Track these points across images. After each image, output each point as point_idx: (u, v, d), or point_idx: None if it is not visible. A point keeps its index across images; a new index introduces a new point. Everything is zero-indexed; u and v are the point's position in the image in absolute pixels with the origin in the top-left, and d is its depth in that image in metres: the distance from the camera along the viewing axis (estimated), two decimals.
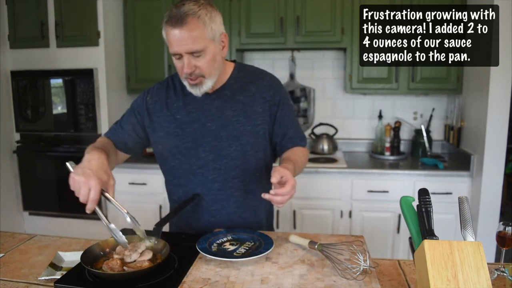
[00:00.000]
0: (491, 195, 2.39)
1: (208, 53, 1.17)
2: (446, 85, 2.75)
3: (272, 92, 1.33)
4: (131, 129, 1.37)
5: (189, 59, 1.16)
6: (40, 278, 1.05)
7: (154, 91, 1.36)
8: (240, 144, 1.30)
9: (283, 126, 1.35)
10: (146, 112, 1.34)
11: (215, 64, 1.21)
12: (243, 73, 1.35)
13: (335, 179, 2.61)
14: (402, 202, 1.00)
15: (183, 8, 1.12)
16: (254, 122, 1.30)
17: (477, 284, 0.81)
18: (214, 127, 1.29)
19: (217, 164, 1.31)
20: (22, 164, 3.03)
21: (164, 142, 1.33)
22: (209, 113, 1.30)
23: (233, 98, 1.30)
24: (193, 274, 1.04)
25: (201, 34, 1.14)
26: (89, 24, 2.76)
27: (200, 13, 1.13)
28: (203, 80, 1.21)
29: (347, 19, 2.72)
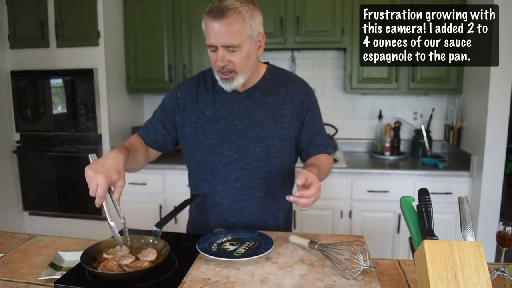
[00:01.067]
0: (491, 195, 2.39)
1: (243, 49, 1.18)
2: (446, 85, 2.75)
3: (302, 97, 1.33)
4: (161, 126, 1.38)
5: (223, 53, 1.17)
6: (40, 278, 1.05)
7: (185, 86, 1.37)
8: (266, 146, 1.30)
9: (311, 132, 1.35)
10: (177, 108, 1.35)
11: (249, 62, 1.22)
12: (275, 75, 1.35)
13: (335, 179, 2.61)
14: (402, 202, 1.00)
15: (226, 2, 1.13)
16: (282, 125, 1.31)
17: (477, 284, 0.81)
18: (241, 126, 1.29)
19: (240, 163, 1.31)
20: (22, 164, 3.02)
21: (191, 137, 1.34)
22: (238, 112, 1.30)
23: (263, 100, 1.30)
24: (193, 274, 1.04)
25: (239, 30, 1.14)
26: (89, 24, 2.76)
27: (241, 9, 1.14)
28: (235, 76, 1.21)
29: (347, 19, 2.72)
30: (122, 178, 1.09)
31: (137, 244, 1.16)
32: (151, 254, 1.08)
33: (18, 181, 3.05)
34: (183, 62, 2.91)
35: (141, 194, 2.78)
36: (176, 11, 2.86)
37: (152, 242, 1.15)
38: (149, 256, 1.07)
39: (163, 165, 2.67)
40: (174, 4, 2.85)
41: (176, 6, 2.85)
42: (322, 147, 1.38)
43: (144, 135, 1.40)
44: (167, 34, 2.90)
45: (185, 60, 2.91)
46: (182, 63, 2.91)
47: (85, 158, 2.97)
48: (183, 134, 1.36)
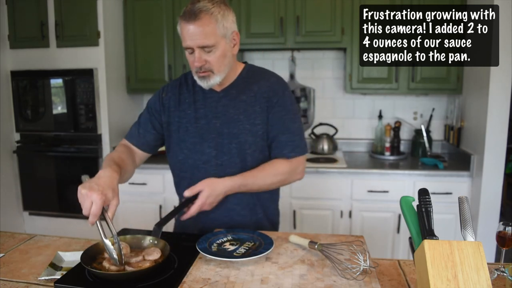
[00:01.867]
0: (491, 195, 2.39)
1: (218, 48, 1.23)
2: (446, 85, 2.75)
3: (272, 93, 1.34)
4: (151, 128, 1.41)
5: (200, 53, 1.21)
6: (40, 278, 1.05)
7: (169, 88, 1.42)
8: (239, 142, 1.33)
9: (275, 129, 1.35)
10: (162, 108, 1.39)
11: (225, 60, 1.26)
12: (251, 73, 1.39)
13: (335, 179, 2.61)
14: (402, 202, 1.00)
15: (198, 4, 1.18)
16: (254, 121, 1.33)
17: (477, 284, 0.81)
18: (219, 124, 1.34)
19: (218, 160, 1.35)
20: (22, 164, 3.02)
21: (175, 136, 1.38)
22: (216, 110, 1.34)
23: (238, 97, 1.34)
24: (193, 274, 1.04)
25: (212, 30, 1.19)
26: (89, 24, 2.75)
27: (213, 10, 1.19)
28: (211, 74, 1.26)
29: (347, 19, 2.72)
30: (117, 197, 1.09)
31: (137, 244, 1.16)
32: (155, 253, 1.08)
33: (18, 181, 3.05)
34: (183, 62, 2.91)
35: (141, 194, 2.78)
36: (176, 11, 2.85)
37: (152, 242, 1.15)
38: (153, 255, 1.07)
39: (163, 165, 2.67)
40: (174, 4, 2.85)
41: (176, 6, 2.85)
42: (285, 148, 1.35)
43: (134, 139, 1.43)
44: (167, 34, 2.90)
45: (185, 60, 2.91)
46: (182, 63, 2.91)
47: (85, 158, 2.99)
48: (168, 133, 1.40)
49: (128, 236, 1.18)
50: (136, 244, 1.16)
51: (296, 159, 1.38)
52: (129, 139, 1.44)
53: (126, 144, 1.44)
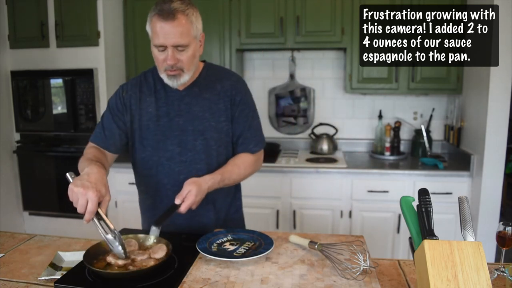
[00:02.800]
0: (491, 195, 2.39)
1: (190, 48, 1.27)
2: (446, 85, 2.74)
3: (234, 91, 1.41)
4: (116, 127, 1.41)
5: (173, 52, 1.24)
6: (40, 278, 1.05)
7: (129, 86, 1.43)
8: (205, 138, 1.37)
9: (240, 126, 1.42)
10: (124, 106, 1.41)
11: (194, 60, 1.31)
12: (211, 72, 1.43)
13: (335, 179, 2.61)
14: (402, 202, 1.00)
15: (173, 4, 1.22)
16: (219, 118, 1.38)
17: (477, 284, 0.81)
18: (182, 121, 1.37)
19: (183, 157, 1.38)
20: (22, 164, 3.02)
21: (136, 134, 1.40)
22: (178, 108, 1.37)
23: (201, 95, 1.38)
24: (193, 274, 1.04)
25: (187, 31, 1.23)
26: (89, 24, 2.75)
27: (188, 12, 1.24)
28: (181, 73, 1.29)
29: (347, 19, 2.72)
30: (108, 192, 1.10)
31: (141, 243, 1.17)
32: (161, 251, 1.08)
33: (18, 181, 3.05)
34: None
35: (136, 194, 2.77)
36: None
37: (153, 242, 1.16)
38: (159, 253, 1.08)
39: None
40: None
41: None
42: (251, 143, 1.44)
43: (100, 142, 1.41)
44: None
45: None
46: None
47: None
48: (130, 132, 1.42)
49: (131, 235, 1.18)
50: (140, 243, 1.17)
51: (260, 152, 1.49)
52: (96, 142, 1.42)
53: (94, 146, 1.42)
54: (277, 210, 2.67)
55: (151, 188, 1.44)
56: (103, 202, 1.07)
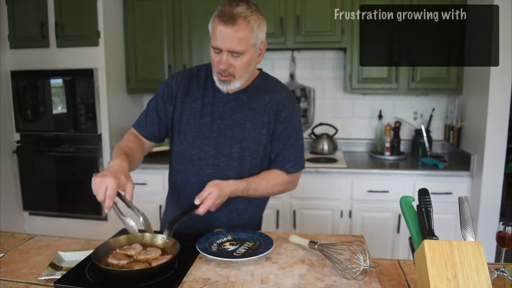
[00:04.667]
0: (491, 195, 2.39)
1: (246, 56, 1.23)
2: (446, 85, 2.74)
3: (281, 107, 1.36)
4: (156, 117, 1.42)
5: (227, 57, 1.21)
6: (40, 278, 1.05)
7: (179, 77, 1.41)
8: (241, 147, 1.34)
9: (281, 144, 1.38)
10: (170, 97, 1.39)
11: (249, 68, 1.27)
12: (264, 82, 1.39)
13: (335, 179, 2.61)
14: (402, 202, 1.00)
15: (237, 8, 1.18)
16: (260, 130, 1.35)
17: (477, 284, 0.81)
18: (223, 125, 1.34)
19: (216, 160, 1.35)
20: (22, 164, 3.02)
21: (176, 126, 1.39)
22: (222, 111, 1.35)
23: (247, 104, 1.35)
24: (193, 274, 1.04)
25: (246, 38, 1.19)
26: (89, 24, 2.75)
27: (251, 18, 1.19)
28: (233, 79, 1.27)
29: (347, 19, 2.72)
30: (130, 181, 1.15)
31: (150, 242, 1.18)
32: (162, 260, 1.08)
33: (18, 181, 3.05)
34: (183, 62, 2.91)
35: (141, 194, 2.77)
36: (176, 11, 2.86)
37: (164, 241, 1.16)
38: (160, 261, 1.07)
39: (163, 165, 2.67)
40: (174, 4, 2.85)
41: (176, 6, 2.85)
42: (288, 163, 1.39)
43: (140, 128, 1.44)
44: (167, 34, 2.90)
45: (185, 60, 2.91)
46: (182, 63, 2.91)
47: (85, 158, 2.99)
48: (171, 123, 1.41)
49: (139, 235, 1.19)
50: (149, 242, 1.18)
51: (296, 174, 1.44)
52: (136, 128, 1.45)
53: (133, 133, 1.45)
54: (277, 210, 2.67)
55: (178, 184, 1.43)
56: (127, 190, 1.13)
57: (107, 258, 1.07)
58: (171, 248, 1.13)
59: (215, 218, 1.38)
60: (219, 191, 1.24)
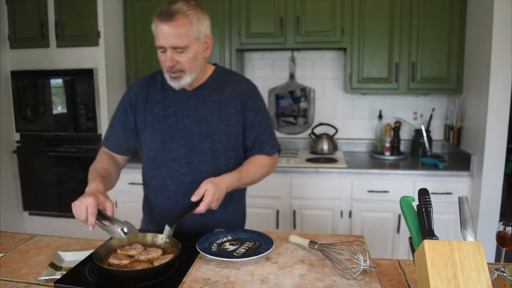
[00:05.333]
0: (491, 195, 2.39)
1: (190, 50, 1.25)
2: (446, 85, 2.74)
3: (247, 96, 1.40)
4: (121, 130, 1.43)
5: (172, 54, 1.24)
6: (40, 278, 1.05)
7: (136, 87, 1.43)
8: (212, 141, 1.36)
9: (255, 130, 1.41)
10: (130, 108, 1.41)
11: (196, 62, 1.29)
12: (222, 75, 1.42)
13: (335, 179, 2.61)
14: (402, 202, 1.00)
15: (174, 6, 1.21)
16: (228, 121, 1.37)
17: (477, 284, 0.81)
18: (189, 123, 1.36)
19: (189, 158, 1.37)
20: (22, 164, 3.02)
21: (142, 134, 1.40)
22: (186, 109, 1.36)
23: (209, 98, 1.37)
24: (193, 274, 1.04)
25: (186, 32, 1.22)
26: (89, 24, 2.75)
27: (189, 12, 1.22)
28: (183, 75, 1.28)
29: (347, 19, 2.72)
30: (109, 199, 1.16)
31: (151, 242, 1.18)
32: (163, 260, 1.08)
33: (18, 181, 3.05)
34: None
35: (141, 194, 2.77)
36: None
37: (164, 241, 1.16)
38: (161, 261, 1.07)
39: None
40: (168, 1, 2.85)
41: None
42: (267, 147, 1.44)
43: (108, 144, 1.46)
44: None
45: None
46: None
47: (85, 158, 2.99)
48: (136, 132, 1.42)
49: (140, 235, 1.19)
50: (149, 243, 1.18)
51: (275, 155, 1.50)
52: (105, 145, 1.47)
53: (104, 151, 1.46)
54: (277, 210, 2.67)
55: (155, 188, 1.43)
56: (106, 208, 1.14)
57: (108, 259, 1.07)
58: (172, 248, 1.13)
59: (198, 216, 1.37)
60: (215, 187, 1.25)
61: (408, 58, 2.72)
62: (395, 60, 2.74)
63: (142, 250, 1.12)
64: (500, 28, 2.24)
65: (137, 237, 1.18)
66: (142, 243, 1.17)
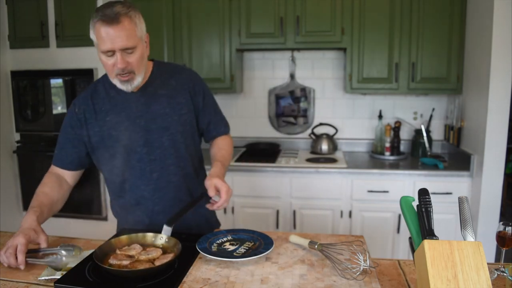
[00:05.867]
0: (491, 195, 2.39)
1: (138, 50, 1.26)
2: (446, 85, 2.74)
3: (192, 83, 1.44)
4: (70, 146, 1.41)
5: (122, 55, 1.24)
6: (40, 278, 1.06)
7: (80, 101, 1.41)
8: (170, 134, 1.38)
9: (207, 113, 1.48)
10: (79, 123, 1.39)
11: (143, 61, 1.31)
12: (163, 69, 1.44)
13: (335, 179, 2.61)
14: (402, 202, 1.00)
15: (115, 8, 1.21)
16: (180, 112, 1.40)
17: (477, 284, 0.81)
18: (144, 122, 1.37)
19: (151, 155, 1.38)
20: (22, 164, 3.02)
21: (101, 145, 1.39)
22: (137, 109, 1.37)
23: (157, 93, 1.38)
24: (193, 274, 1.04)
25: (133, 33, 1.23)
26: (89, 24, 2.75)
27: (131, 14, 1.24)
28: (134, 76, 1.29)
29: (347, 19, 2.72)
30: (42, 233, 1.20)
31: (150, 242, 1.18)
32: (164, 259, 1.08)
33: (18, 181, 3.05)
34: (183, 62, 2.91)
35: None
36: (176, 11, 2.86)
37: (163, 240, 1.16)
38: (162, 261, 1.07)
39: None
40: (174, 4, 2.85)
41: (176, 6, 2.85)
42: (221, 127, 1.53)
43: (58, 163, 1.45)
44: (167, 34, 2.90)
45: (185, 60, 2.91)
46: (182, 63, 2.91)
47: None
48: (91, 146, 1.40)
49: (140, 235, 1.19)
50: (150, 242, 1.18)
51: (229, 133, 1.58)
52: (55, 164, 1.45)
53: (53, 171, 1.46)
54: (277, 210, 2.67)
55: (126, 193, 1.42)
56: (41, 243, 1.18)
57: (108, 259, 1.07)
58: (172, 248, 1.13)
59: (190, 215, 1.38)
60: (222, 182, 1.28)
61: (408, 58, 2.72)
62: (395, 60, 2.74)
63: (142, 250, 1.12)
64: (500, 28, 2.24)
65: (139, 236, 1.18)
66: (142, 243, 1.17)
